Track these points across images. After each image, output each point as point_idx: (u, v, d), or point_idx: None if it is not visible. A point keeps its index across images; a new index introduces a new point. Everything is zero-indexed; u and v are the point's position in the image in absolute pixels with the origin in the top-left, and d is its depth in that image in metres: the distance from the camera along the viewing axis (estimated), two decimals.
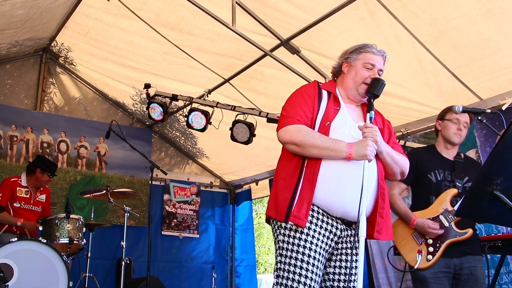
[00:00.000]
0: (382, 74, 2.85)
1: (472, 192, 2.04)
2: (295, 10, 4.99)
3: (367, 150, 2.51)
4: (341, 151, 2.54)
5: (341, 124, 2.69)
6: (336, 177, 2.58)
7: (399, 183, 3.73)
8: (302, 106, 2.72)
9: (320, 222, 2.59)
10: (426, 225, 3.45)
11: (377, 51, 2.85)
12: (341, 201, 2.56)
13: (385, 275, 6.07)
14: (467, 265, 3.43)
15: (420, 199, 3.66)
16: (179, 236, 8.33)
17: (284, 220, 2.55)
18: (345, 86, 2.85)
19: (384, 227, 2.67)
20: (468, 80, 4.98)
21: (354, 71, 2.82)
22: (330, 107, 2.73)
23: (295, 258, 2.53)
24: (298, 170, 2.62)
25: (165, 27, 5.91)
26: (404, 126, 6.10)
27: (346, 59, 2.89)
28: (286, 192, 2.60)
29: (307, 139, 2.58)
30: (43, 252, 4.68)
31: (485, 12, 4.20)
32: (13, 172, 6.66)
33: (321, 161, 2.59)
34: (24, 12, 5.58)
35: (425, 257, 3.43)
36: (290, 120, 2.67)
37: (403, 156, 2.85)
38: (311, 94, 2.77)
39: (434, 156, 3.74)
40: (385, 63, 2.89)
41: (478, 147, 5.18)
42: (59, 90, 7.79)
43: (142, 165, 7.47)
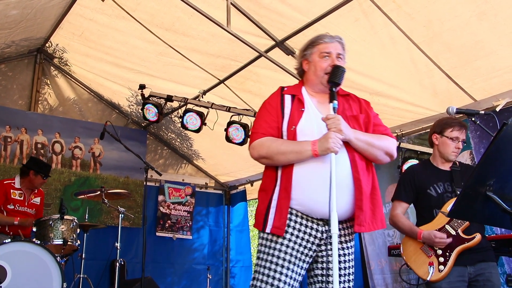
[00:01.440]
0: (343, 58, 2.81)
1: (465, 193, 2.04)
2: (290, 11, 4.99)
3: (329, 143, 2.46)
4: (306, 150, 2.52)
5: (308, 124, 2.66)
6: (310, 179, 2.55)
7: (400, 203, 3.72)
8: (266, 118, 2.73)
9: (299, 226, 2.57)
10: (432, 235, 3.42)
11: (329, 38, 2.81)
12: (319, 202, 2.51)
13: (381, 276, 6.08)
14: (482, 271, 3.39)
15: (424, 214, 3.64)
16: (173, 237, 8.31)
17: (262, 229, 2.59)
18: (311, 83, 2.83)
19: (367, 219, 2.59)
20: (462, 81, 4.99)
21: (313, 66, 2.80)
22: (294, 110, 2.71)
23: (271, 261, 2.54)
24: (274, 179, 2.64)
25: (160, 27, 5.90)
26: (398, 127, 6.11)
27: (304, 57, 2.87)
28: (264, 202, 2.62)
29: (272, 149, 2.59)
30: (36, 253, 4.65)
31: (479, 14, 4.22)
32: (7, 173, 6.64)
33: (293, 166, 2.58)
34: (18, 12, 5.56)
35: (437, 268, 3.39)
36: (255, 135, 2.71)
37: (384, 137, 2.77)
38: (273, 103, 2.78)
39: (429, 170, 3.73)
40: (344, 47, 2.83)
41: (472, 148, 5.20)
42: (53, 91, 7.77)
43: (136, 166, 7.45)
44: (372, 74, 5.42)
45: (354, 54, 5.26)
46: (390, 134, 2.83)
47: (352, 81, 5.62)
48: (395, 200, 3.78)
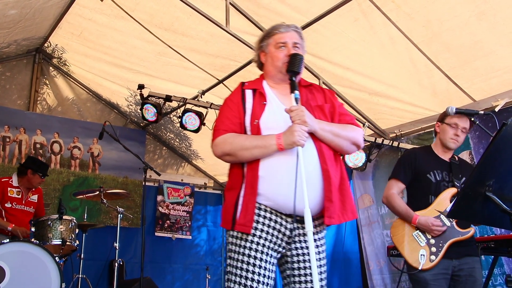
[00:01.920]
0: (301, 47, 2.72)
1: (465, 193, 2.04)
2: (289, 11, 4.99)
3: (294, 137, 2.38)
4: (271, 144, 2.44)
5: (271, 117, 2.58)
6: (277, 173, 2.47)
7: (397, 182, 3.70)
8: (227, 114, 2.66)
9: (268, 221, 2.49)
10: (430, 222, 3.42)
11: (285, 28, 2.73)
12: (287, 197, 2.41)
13: (380, 276, 6.08)
14: (466, 266, 3.42)
15: (419, 199, 3.62)
16: (172, 237, 8.30)
17: (231, 228, 2.50)
18: (270, 75, 2.75)
19: (336, 210, 2.51)
20: (461, 82, 4.99)
21: (270, 58, 2.73)
22: (256, 104, 2.63)
23: (241, 260, 2.46)
24: (240, 177, 2.56)
25: (159, 28, 5.90)
26: (397, 127, 6.12)
27: (261, 49, 2.80)
28: (231, 200, 2.55)
29: (235, 145, 2.52)
30: (35, 253, 4.64)
31: (478, 14, 4.22)
32: (6, 173, 6.62)
33: (259, 161, 2.50)
34: (17, 12, 5.55)
35: (428, 257, 3.39)
36: (217, 133, 2.63)
37: (350, 127, 2.69)
38: (234, 99, 2.70)
39: (431, 156, 3.72)
40: (301, 36, 2.75)
41: (472, 148, 5.20)
42: (52, 91, 7.75)
43: (135, 166, 7.44)
44: (371, 74, 5.43)
45: (353, 54, 5.27)
46: (356, 124, 2.77)
47: (351, 81, 5.63)
48: (392, 178, 3.75)
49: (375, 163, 6.46)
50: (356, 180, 6.82)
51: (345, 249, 6.97)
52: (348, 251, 7.01)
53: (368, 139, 6.08)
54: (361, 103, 5.97)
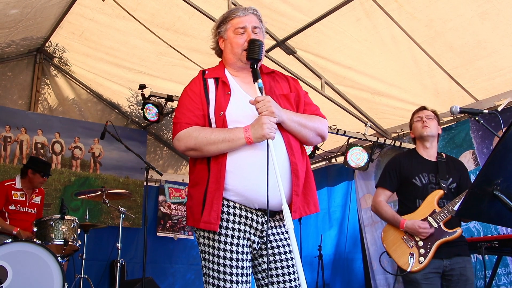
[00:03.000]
0: (261, 32, 2.58)
1: (472, 192, 2.03)
2: (291, 11, 4.98)
3: (264, 129, 2.27)
4: (239, 138, 2.32)
5: (237, 109, 2.45)
6: (245, 167, 2.36)
7: (384, 190, 3.77)
8: (189, 106, 2.50)
9: (239, 218, 2.38)
10: (416, 225, 3.49)
11: (243, 12, 2.58)
12: (256, 191, 2.33)
13: (384, 276, 6.07)
14: (457, 266, 3.47)
15: (407, 203, 3.70)
16: (174, 237, 8.29)
17: (199, 226, 2.38)
18: (230, 62, 2.60)
19: (300, 204, 2.43)
20: (464, 81, 4.99)
21: (229, 44, 2.57)
22: (220, 94, 2.49)
23: (217, 262, 2.35)
24: (206, 172, 2.42)
25: (160, 27, 5.89)
26: (399, 127, 6.11)
27: (218, 35, 2.64)
28: (197, 196, 2.42)
29: (200, 139, 2.37)
30: (37, 253, 4.63)
31: (481, 13, 4.22)
32: (7, 174, 6.62)
33: (226, 155, 2.37)
34: (18, 11, 5.54)
35: (417, 259, 3.46)
36: (179, 126, 2.47)
37: (316, 118, 2.59)
38: (195, 89, 2.53)
39: (416, 160, 3.78)
40: (261, 19, 2.62)
41: (475, 148, 5.19)
42: (53, 91, 7.74)
43: (137, 166, 7.43)
44: (374, 73, 5.42)
45: (355, 53, 5.26)
46: (321, 114, 2.66)
47: (353, 80, 5.62)
48: (379, 187, 3.84)
49: (377, 163, 6.45)
50: (358, 180, 6.81)
51: (348, 249, 6.97)
52: (351, 251, 7.00)
53: (370, 139, 6.07)
54: (363, 102, 5.96)
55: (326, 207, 7.47)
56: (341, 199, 7.35)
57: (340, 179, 7.39)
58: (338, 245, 7.18)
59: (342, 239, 7.08)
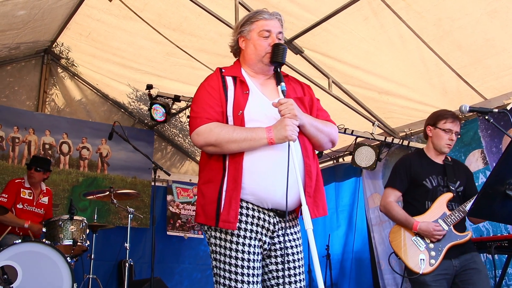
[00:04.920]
0: (282, 37, 2.65)
1: (485, 192, 2.03)
2: (299, 10, 4.98)
3: (287, 131, 2.30)
4: (261, 138, 2.34)
5: (256, 108, 2.47)
6: (263, 167, 2.38)
7: (394, 191, 3.73)
8: (209, 102, 2.48)
9: (251, 219, 2.40)
10: (431, 227, 3.47)
11: (269, 15, 2.61)
12: (271, 191, 2.37)
13: (392, 275, 6.06)
14: (466, 262, 3.45)
15: (416, 205, 3.66)
16: (184, 237, 8.30)
17: (215, 224, 2.37)
18: (249, 63, 2.62)
19: (311, 206, 2.42)
20: (473, 80, 4.97)
21: (252, 45, 2.59)
22: (239, 93, 2.49)
23: (229, 263, 2.35)
24: (221, 169, 2.42)
25: (167, 28, 5.90)
26: (407, 126, 6.10)
27: (240, 34, 2.64)
28: (211, 194, 2.41)
29: (222, 136, 2.36)
30: (47, 253, 4.65)
31: (490, 12, 4.20)
32: (15, 174, 6.65)
33: (243, 154, 2.38)
34: (26, 12, 5.56)
35: (428, 261, 3.44)
36: (199, 120, 2.45)
37: (329, 124, 2.64)
38: (215, 85, 2.53)
39: (425, 161, 3.74)
40: (282, 25, 2.66)
41: (484, 147, 5.17)
42: (60, 92, 7.77)
43: (144, 166, 7.45)
44: (381, 73, 5.41)
45: (363, 52, 5.25)
46: (332, 121, 2.70)
47: (361, 80, 5.61)
48: (388, 187, 3.78)
49: (385, 162, 6.44)
50: (366, 179, 6.80)
51: (356, 248, 6.96)
52: (359, 251, 7.00)
53: (378, 138, 6.06)
54: (371, 102, 5.95)
55: (334, 206, 7.47)
56: (349, 198, 7.34)
57: (348, 179, 7.39)
58: (346, 245, 7.17)
59: (350, 239, 7.07)
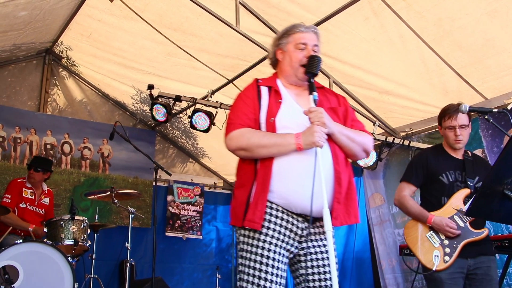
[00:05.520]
0: (318, 50, 2.72)
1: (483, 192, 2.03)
2: (299, 10, 4.99)
3: (314, 137, 2.38)
4: (289, 143, 2.44)
5: (287, 116, 2.58)
6: (291, 172, 2.47)
7: (409, 185, 3.68)
8: (243, 109, 2.63)
9: (280, 221, 2.47)
10: (444, 223, 3.41)
11: (305, 28, 2.72)
12: (299, 196, 2.44)
13: (393, 275, 6.07)
14: (481, 265, 3.39)
15: (432, 200, 3.60)
16: (183, 237, 8.31)
17: (241, 225, 2.48)
18: (285, 74, 2.74)
19: (342, 212, 2.52)
20: (473, 80, 4.97)
21: (288, 57, 2.71)
22: (272, 102, 2.62)
23: (254, 260, 2.44)
24: (252, 174, 2.54)
25: (168, 28, 5.91)
26: (408, 126, 6.10)
27: (278, 46, 2.77)
28: (241, 197, 2.52)
29: (252, 141, 2.50)
30: (48, 253, 4.67)
31: (490, 12, 4.20)
32: (17, 174, 6.67)
33: (273, 159, 2.48)
34: (27, 13, 5.57)
35: (442, 258, 3.37)
36: (232, 126, 2.60)
37: (363, 133, 2.71)
38: (249, 94, 2.68)
39: (443, 156, 3.68)
40: (319, 38, 2.75)
41: (485, 147, 5.17)
42: (62, 92, 7.79)
43: (145, 166, 7.45)
44: (382, 72, 5.41)
45: (363, 52, 5.25)
46: (367, 131, 2.77)
47: (361, 80, 5.62)
48: (404, 181, 3.73)
49: (385, 162, 6.44)
50: (367, 179, 6.81)
51: (356, 248, 6.96)
52: (359, 250, 6.99)
53: (379, 138, 6.06)
54: (372, 102, 5.95)
55: None
56: None
57: None
58: (347, 245, 7.16)
59: (351, 239, 7.06)
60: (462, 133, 3.60)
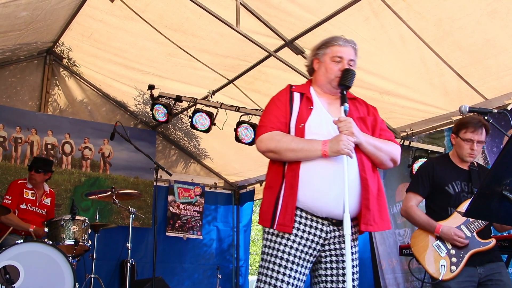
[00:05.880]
0: (354, 64, 2.82)
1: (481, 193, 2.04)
2: (299, 11, 4.99)
3: (340, 146, 2.48)
4: (316, 149, 2.53)
5: (317, 123, 2.67)
6: (317, 177, 2.56)
7: (415, 195, 3.69)
8: (274, 113, 2.74)
9: (303, 226, 2.57)
10: (452, 232, 3.40)
11: (344, 42, 2.81)
12: (324, 201, 2.54)
13: (393, 275, 6.07)
14: (492, 272, 3.39)
15: (438, 210, 3.60)
16: (183, 237, 8.32)
17: (270, 226, 2.58)
18: (319, 83, 2.85)
19: (374, 218, 2.60)
20: (473, 80, 4.97)
21: (323, 67, 2.81)
22: (303, 108, 2.72)
23: (280, 258, 2.54)
24: (280, 176, 2.64)
25: (169, 28, 5.91)
26: (408, 126, 6.10)
27: (315, 56, 2.88)
28: (270, 199, 2.62)
29: (281, 144, 2.60)
30: (49, 253, 4.68)
31: (490, 12, 4.20)
32: (18, 174, 6.68)
33: (300, 163, 2.58)
34: (28, 14, 5.59)
35: (449, 268, 3.37)
36: (264, 129, 2.71)
37: (391, 143, 2.79)
38: (282, 99, 2.79)
39: (449, 166, 3.68)
40: (356, 52, 2.85)
41: (485, 147, 5.17)
42: (63, 92, 7.80)
43: (146, 166, 7.47)
44: (382, 73, 5.41)
45: (363, 53, 5.20)
46: (395, 141, 2.86)
47: (361, 80, 5.61)
48: (410, 191, 3.73)
49: None
50: None
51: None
52: (359, 251, 6.93)
53: None
54: (372, 102, 5.83)
55: None
56: None
57: None
58: None
59: None
60: (477, 149, 3.62)
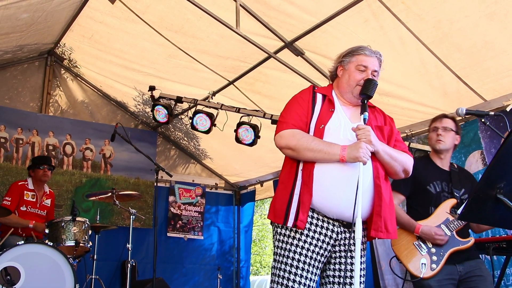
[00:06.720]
0: (377, 75, 2.87)
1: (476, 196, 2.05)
2: (299, 12, 5.00)
3: (359, 153, 2.52)
4: (334, 153, 2.57)
5: (336, 126, 2.72)
6: (330, 179, 2.60)
7: (397, 194, 3.73)
8: (297, 111, 2.77)
9: (315, 226, 2.61)
10: (433, 231, 3.47)
11: (370, 52, 2.87)
12: (336, 203, 2.58)
13: (392, 276, 6.07)
14: (472, 268, 3.46)
15: (419, 209, 3.68)
16: (184, 238, 8.34)
17: (282, 223, 2.61)
18: (341, 90, 2.88)
19: (385, 225, 2.65)
20: (472, 82, 4.97)
21: (347, 75, 2.85)
22: (325, 110, 2.77)
23: (292, 258, 2.58)
24: (294, 174, 2.67)
25: (169, 30, 5.93)
26: (408, 127, 6.10)
27: (340, 63, 2.93)
28: (284, 195, 2.66)
29: (301, 142, 2.62)
30: (49, 254, 4.70)
31: (489, 14, 4.20)
32: (19, 175, 6.70)
33: (314, 165, 2.62)
34: (29, 15, 5.61)
35: (429, 266, 3.44)
36: (285, 125, 2.73)
37: (405, 154, 2.85)
38: (305, 98, 2.82)
39: (430, 166, 3.77)
40: (381, 64, 2.91)
41: (483, 148, 5.18)
42: (64, 93, 7.82)
43: (147, 167, 7.48)
44: (382, 74, 5.33)
45: None
46: (409, 152, 2.92)
47: None
48: (393, 190, 3.77)
49: None
50: None
51: None
52: None
53: None
54: (372, 103, 5.95)
55: None
56: None
57: None
58: None
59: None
60: (444, 135, 3.71)
